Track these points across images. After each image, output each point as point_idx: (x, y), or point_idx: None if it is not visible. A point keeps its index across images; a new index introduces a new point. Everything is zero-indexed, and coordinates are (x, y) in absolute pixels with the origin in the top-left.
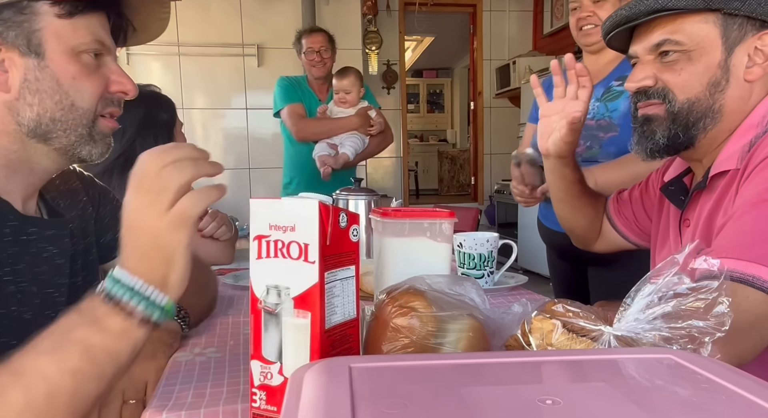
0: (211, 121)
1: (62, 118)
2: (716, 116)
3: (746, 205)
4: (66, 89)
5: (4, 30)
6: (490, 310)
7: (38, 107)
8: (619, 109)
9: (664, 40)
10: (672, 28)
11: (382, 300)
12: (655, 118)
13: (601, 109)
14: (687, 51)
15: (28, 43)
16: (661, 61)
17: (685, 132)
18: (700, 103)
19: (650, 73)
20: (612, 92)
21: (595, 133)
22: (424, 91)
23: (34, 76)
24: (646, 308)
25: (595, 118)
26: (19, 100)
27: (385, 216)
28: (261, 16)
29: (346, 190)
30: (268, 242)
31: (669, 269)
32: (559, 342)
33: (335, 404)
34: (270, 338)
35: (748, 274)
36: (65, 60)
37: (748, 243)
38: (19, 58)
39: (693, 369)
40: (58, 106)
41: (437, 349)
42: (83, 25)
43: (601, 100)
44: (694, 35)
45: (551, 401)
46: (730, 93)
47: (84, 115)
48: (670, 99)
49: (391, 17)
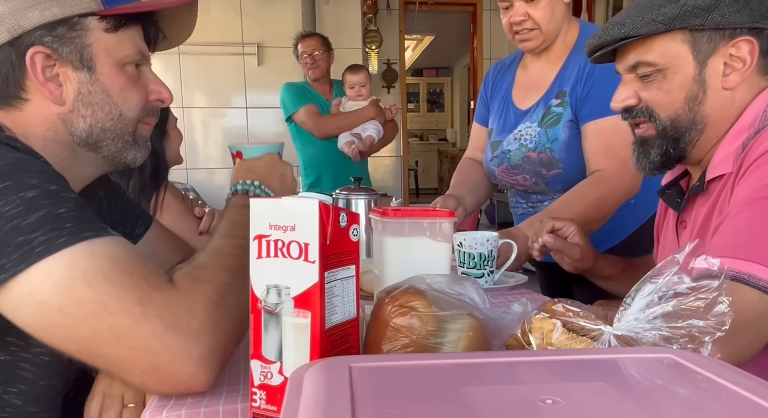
0: (211, 120)
1: (111, 128)
2: (700, 127)
3: (741, 204)
4: (115, 100)
5: (59, 46)
6: (490, 310)
7: (90, 119)
8: (559, 139)
9: (637, 62)
10: (643, 50)
11: (382, 300)
12: (650, 139)
13: (542, 138)
14: (661, 69)
15: (81, 58)
16: (641, 81)
17: (675, 146)
18: (681, 118)
19: (632, 93)
20: (551, 115)
21: (539, 170)
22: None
23: (87, 89)
24: (646, 308)
25: (536, 150)
26: (73, 112)
27: (384, 215)
28: (261, 15)
29: (346, 189)
30: (268, 242)
31: (669, 269)
32: (559, 342)
33: (335, 404)
34: (270, 337)
35: (745, 272)
36: (113, 72)
37: (744, 242)
38: (72, 73)
39: (693, 369)
40: (108, 117)
41: (437, 349)
42: (127, 38)
43: (542, 125)
44: (664, 54)
45: (551, 400)
46: (710, 104)
47: (130, 123)
48: (655, 117)
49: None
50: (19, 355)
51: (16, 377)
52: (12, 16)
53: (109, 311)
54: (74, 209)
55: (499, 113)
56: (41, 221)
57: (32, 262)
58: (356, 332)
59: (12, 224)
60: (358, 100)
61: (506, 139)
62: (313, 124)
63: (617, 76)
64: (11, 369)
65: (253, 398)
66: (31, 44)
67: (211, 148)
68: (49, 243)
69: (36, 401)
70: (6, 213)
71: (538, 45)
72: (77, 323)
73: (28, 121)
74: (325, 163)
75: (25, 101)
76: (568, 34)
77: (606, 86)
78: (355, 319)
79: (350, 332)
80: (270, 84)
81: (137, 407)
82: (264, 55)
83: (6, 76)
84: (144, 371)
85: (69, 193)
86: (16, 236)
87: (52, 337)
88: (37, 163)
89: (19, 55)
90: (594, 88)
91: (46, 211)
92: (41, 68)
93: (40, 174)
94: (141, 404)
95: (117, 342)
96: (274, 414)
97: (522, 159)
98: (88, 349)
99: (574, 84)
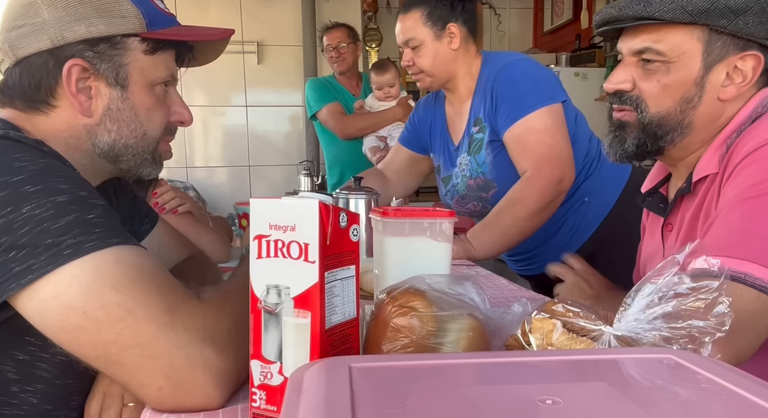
0: (211, 118)
1: (134, 145)
2: (685, 131)
3: (731, 203)
4: (141, 119)
5: (98, 62)
6: (490, 310)
7: (116, 134)
8: (486, 161)
9: (646, 47)
10: (656, 36)
11: (382, 300)
12: (628, 125)
13: (473, 165)
14: (667, 62)
15: (116, 76)
16: (642, 67)
17: (654, 142)
18: (669, 117)
19: (629, 77)
20: (475, 142)
21: (479, 194)
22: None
23: (116, 106)
24: (646, 308)
25: (472, 177)
26: (100, 125)
27: (385, 215)
28: (261, 13)
29: (346, 189)
30: (268, 242)
31: (669, 269)
32: (559, 342)
33: (335, 404)
34: (270, 337)
35: (741, 272)
36: (144, 92)
37: (738, 241)
38: (105, 88)
39: (693, 369)
40: (132, 134)
41: (437, 349)
42: (162, 61)
43: (470, 153)
44: (676, 47)
45: (551, 401)
46: (702, 110)
47: (152, 142)
48: (642, 109)
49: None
50: (37, 355)
51: (33, 376)
52: (57, 26)
53: (135, 317)
54: (103, 216)
55: (441, 150)
56: (71, 225)
57: (59, 264)
58: (356, 332)
59: (42, 227)
60: (388, 101)
61: (453, 173)
62: (335, 124)
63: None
64: (29, 368)
65: (253, 399)
66: (71, 56)
67: (210, 147)
68: (78, 247)
69: (52, 399)
70: (36, 216)
71: (429, 85)
72: (100, 327)
73: (52, 127)
74: (348, 164)
75: (53, 108)
76: (470, 70)
77: (507, 94)
78: (355, 319)
79: (350, 332)
80: (270, 82)
81: (137, 406)
82: (264, 54)
83: (39, 82)
84: (161, 388)
85: (97, 200)
86: (45, 238)
87: (72, 341)
88: (65, 168)
89: (56, 64)
90: (498, 100)
91: (75, 215)
92: (75, 80)
93: (70, 180)
94: (141, 404)
95: (139, 350)
96: (274, 414)
97: (466, 188)
98: (108, 356)
99: (484, 106)
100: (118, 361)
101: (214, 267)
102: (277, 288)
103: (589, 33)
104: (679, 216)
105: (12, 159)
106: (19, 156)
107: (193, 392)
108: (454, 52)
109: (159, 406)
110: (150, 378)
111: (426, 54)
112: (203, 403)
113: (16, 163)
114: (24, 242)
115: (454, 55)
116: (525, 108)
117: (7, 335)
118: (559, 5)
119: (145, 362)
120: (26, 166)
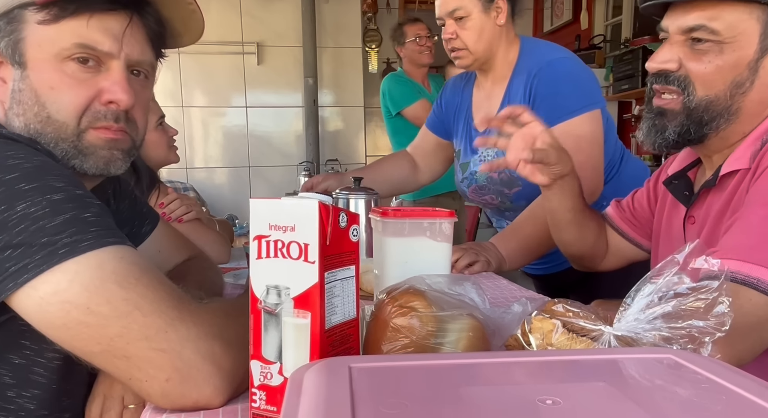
0: (211, 119)
1: (43, 131)
2: (732, 118)
3: (754, 205)
4: (43, 101)
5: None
6: (490, 310)
7: (23, 118)
8: None
9: (699, 25)
10: (712, 13)
11: (382, 300)
12: (670, 113)
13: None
14: (720, 42)
15: (13, 53)
16: (691, 47)
17: (698, 129)
18: (718, 101)
19: (675, 57)
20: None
21: (501, 189)
22: None
23: (18, 86)
24: (646, 308)
25: (497, 171)
26: (11, 110)
27: (384, 216)
28: (261, 14)
29: (346, 189)
30: (268, 242)
31: (669, 269)
32: (559, 342)
33: (335, 404)
34: (270, 338)
35: (753, 276)
36: (46, 69)
37: (754, 245)
38: (10, 69)
39: (693, 369)
40: (36, 119)
41: (437, 349)
42: (69, 30)
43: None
44: (732, 26)
45: (551, 401)
46: (752, 96)
47: (61, 128)
48: (689, 91)
49: (391, 15)
50: (32, 359)
51: (29, 381)
52: None
53: (143, 311)
54: (99, 215)
55: (463, 135)
56: (67, 224)
57: (55, 263)
58: (356, 332)
59: (37, 226)
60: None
61: (472, 160)
62: None
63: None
64: (25, 373)
65: (252, 399)
66: None
67: (210, 147)
68: (74, 245)
69: (48, 405)
70: (32, 214)
71: (470, 63)
72: (105, 321)
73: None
74: None
75: None
76: (509, 53)
77: (549, 95)
78: (355, 319)
79: (350, 332)
80: (270, 83)
81: (137, 408)
82: (264, 54)
83: None
84: (170, 379)
85: (93, 199)
86: (41, 236)
87: (74, 337)
88: (59, 166)
89: None
90: (538, 99)
91: (72, 214)
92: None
93: (65, 178)
94: (141, 406)
95: (147, 343)
96: (273, 415)
97: (486, 180)
98: (113, 350)
99: (520, 100)
100: (123, 354)
101: (215, 268)
102: (277, 288)
103: (589, 33)
104: (703, 210)
105: (5, 157)
106: (12, 153)
107: (202, 384)
108: (499, 29)
109: (164, 398)
110: (158, 370)
111: (472, 27)
112: (210, 396)
113: (9, 160)
114: (19, 240)
115: (498, 32)
116: (567, 112)
117: (3, 338)
118: (558, 6)
119: (153, 354)
120: (20, 164)
